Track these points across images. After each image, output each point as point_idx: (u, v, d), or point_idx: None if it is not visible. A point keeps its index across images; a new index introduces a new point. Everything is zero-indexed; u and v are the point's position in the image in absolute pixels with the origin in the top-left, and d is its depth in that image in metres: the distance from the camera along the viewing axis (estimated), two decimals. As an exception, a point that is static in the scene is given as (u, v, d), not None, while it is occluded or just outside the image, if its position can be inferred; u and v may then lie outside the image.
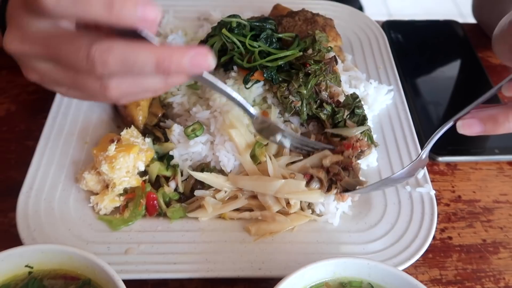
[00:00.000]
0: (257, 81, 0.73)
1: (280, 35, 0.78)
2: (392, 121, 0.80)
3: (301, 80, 0.72)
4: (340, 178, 0.64)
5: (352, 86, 0.82)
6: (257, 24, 0.78)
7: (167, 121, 0.78)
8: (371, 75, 0.88)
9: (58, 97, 0.81)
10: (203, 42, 0.81)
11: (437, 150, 0.80)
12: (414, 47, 1.00)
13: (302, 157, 0.69)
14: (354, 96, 0.72)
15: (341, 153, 0.67)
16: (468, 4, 1.11)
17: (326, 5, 1.02)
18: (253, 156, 0.69)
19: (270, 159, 0.68)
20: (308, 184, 0.66)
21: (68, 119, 0.78)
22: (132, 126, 0.74)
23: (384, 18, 1.16)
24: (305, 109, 0.73)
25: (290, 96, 0.72)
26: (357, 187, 0.66)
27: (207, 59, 0.46)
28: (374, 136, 0.78)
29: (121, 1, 0.42)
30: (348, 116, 0.70)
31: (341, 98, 0.74)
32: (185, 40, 0.91)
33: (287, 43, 0.80)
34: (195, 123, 0.72)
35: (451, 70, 0.97)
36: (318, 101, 0.74)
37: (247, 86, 0.73)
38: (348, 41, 0.96)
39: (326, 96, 0.73)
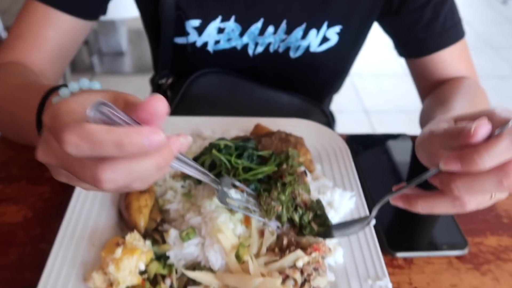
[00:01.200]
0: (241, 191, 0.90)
1: (259, 153, 0.97)
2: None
3: (279, 189, 0.89)
4: (313, 278, 0.77)
5: (321, 193, 0.99)
6: (241, 144, 0.97)
7: (164, 225, 0.92)
8: (337, 182, 1.05)
9: (71, 205, 0.95)
10: (196, 158, 0.98)
11: (395, 247, 0.94)
12: (373, 156, 1.20)
13: (277, 257, 0.82)
14: (318, 201, 0.88)
15: (310, 253, 0.80)
16: None
17: (298, 122, 1.23)
18: (237, 256, 0.82)
19: (251, 259, 0.81)
20: (283, 282, 0.78)
21: (79, 224, 0.91)
22: (135, 230, 0.87)
23: (361, 114, 1.38)
24: (285, 212, 0.88)
25: (273, 202, 0.88)
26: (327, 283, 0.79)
27: (183, 141, 0.57)
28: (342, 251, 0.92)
29: (129, 140, 0.46)
30: (312, 217, 0.85)
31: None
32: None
33: (265, 159, 0.98)
34: (189, 228, 0.86)
35: (405, 177, 1.15)
36: (294, 205, 0.89)
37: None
38: (317, 153, 1.15)
39: (299, 201, 0.89)
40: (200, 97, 1.40)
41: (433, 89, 1.32)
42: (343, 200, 0.98)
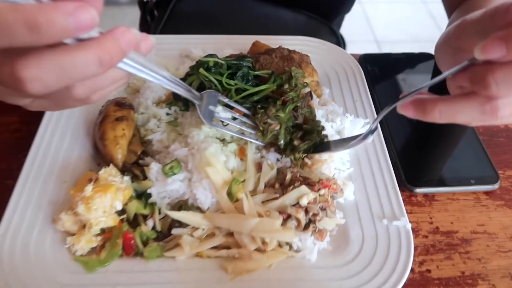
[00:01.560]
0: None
1: (256, 72, 0.81)
2: (368, 153, 0.82)
3: (278, 106, 0.74)
4: (319, 219, 0.65)
5: (329, 120, 0.84)
6: (234, 62, 0.80)
7: (146, 159, 0.79)
8: (348, 108, 0.90)
9: (39, 136, 0.82)
10: (183, 80, 0.82)
11: (414, 181, 0.81)
12: (390, 79, 1.03)
13: (278, 195, 0.69)
14: (317, 122, 0.75)
15: (317, 190, 0.67)
16: None
17: (304, 40, 1.05)
18: (230, 194, 0.69)
19: (246, 196, 0.68)
20: (284, 222, 0.66)
21: (48, 158, 0.79)
22: (111, 164, 0.74)
23: (372, 44, 1.20)
24: (283, 131, 0.74)
25: (269, 120, 0.74)
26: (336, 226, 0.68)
27: (131, 34, 0.42)
28: (351, 170, 0.79)
29: (46, 19, 0.36)
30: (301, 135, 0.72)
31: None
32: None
33: (264, 80, 0.82)
34: (173, 161, 0.73)
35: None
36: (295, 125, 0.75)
37: (225, 123, 0.74)
38: (325, 75, 0.98)
39: (301, 121, 0.75)
40: (191, 16, 1.20)
41: (461, 3, 1.11)
42: (354, 128, 0.83)
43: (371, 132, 0.66)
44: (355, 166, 0.80)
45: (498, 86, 0.43)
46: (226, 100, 0.73)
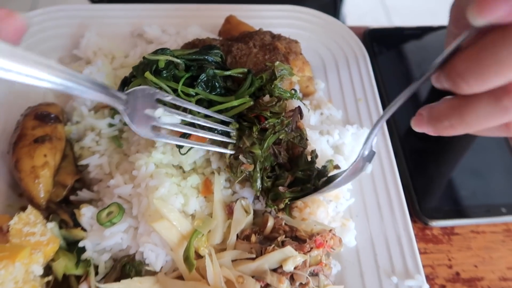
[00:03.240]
0: (195, 144, 0.54)
1: (228, 73, 0.59)
2: (374, 178, 0.63)
3: (255, 137, 0.54)
4: (308, 291, 0.48)
5: (324, 133, 0.64)
6: (195, 58, 0.58)
7: (81, 192, 0.59)
8: (349, 111, 0.70)
9: None
10: (126, 81, 0.60)
11: (429, 212, 0.63)
12: (403, 63, 0.81)
13: (254, 254, 0.51)
14: (309, 161, 0.54)
15: (307, 251, 0.49)
16: None
17: (292, 12, 0.81)
18: (188, 257, 0.51)
19: (211, 257, 0.50)
20: (261, 294, 0.49)
21: (-51, 192, 0.59)
22: (29, 207, 0.55)
23: (379, 12, 0.96)
24: (258, 175, 0.54)
25: (241, 157, 0.54)
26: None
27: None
28: (352, 201, 0.61)
29: None
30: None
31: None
32: (112, 67, 0.71)
33: (238, 81, 0.61)
34: (112, 205, 0.53)
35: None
36: (275, 166, 0.56)
37: (182, 151, 0.54)
38: (321, 62, 0.76)
39: (283, 158, 0.55)
40: None
41: None
42: (357, 143, 0.64)
43: (367, 159, 0.47)
44: (357, 196, 0.62)
45: None
46: (168, 98, 0.51)
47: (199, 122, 0.52)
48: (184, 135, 0.53)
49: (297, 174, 0.54)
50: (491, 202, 0.65)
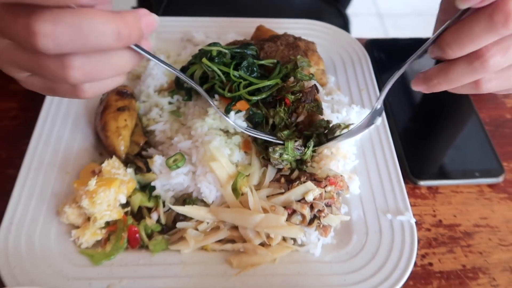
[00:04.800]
0: (239, 111, 0.73)
1: (261, 62, 0.78)
2: (374, 145, 0.81)
3: (279, 149, 0.70)
4: (324, 215, 0.65)
5: (335, 111, 0.83)
6: (238, 51, 0.78)
7: (149, 150, 0.78)
8: (354, 97, 0.89)
9: (39, 124, 0.80)
10: (184, 69, 0.80)
11: (418, 174, 0.80)
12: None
13: (283, 190, 0.69)
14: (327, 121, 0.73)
15: (324, 187, 0.67)
16: None
17: (309, 24, 1.02)
18: (235, 189, 0.69)
19: (251, 191, 0.68)
20: (289, 218, 0.66)
21: (49, 148, 0.77)
22: (114, 156, 0.73)
23: (374, 17, 1.17)
24: (292, 164, 0.72)
25: (276, 165, 0.71)
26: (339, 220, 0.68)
27: (153, 17, 0.45)
28: (356, 162, 0.79)
29: (128, 26, 0.41)
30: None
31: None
32: (169, 62, 0.91)
33: (269, 69, 0.80)
34: (177, 154, 0.72)
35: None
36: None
37: (230, 117, 0.73)
38: (331, 62, 0.96)
39: (301, 124, 0.74)
40: None
41: None
42: (360, 119, 0.82)
43: (377, 113, 0.65)
44: (360, 159, 0.79)
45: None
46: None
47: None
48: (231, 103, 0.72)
49: (306, 134, 0.72)
50: (467, 168, 0.82)
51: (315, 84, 0.75)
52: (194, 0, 1.13)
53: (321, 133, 0.72)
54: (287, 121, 0.73)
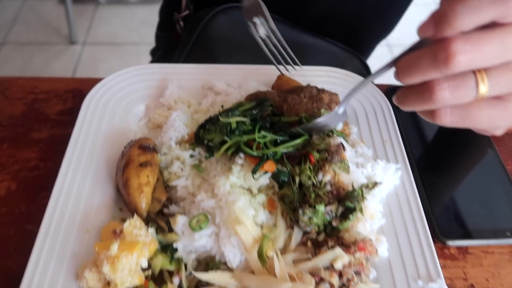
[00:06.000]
0: (266, 172, 0.72)
1: (285, 119, 0.77)
2: (400, 203, 0.79)
3: (308, 213, 0.68)
4: (353, 284, 0.62)
5: (359, 165, 0.81)
6: (256, 112, 0.76)
7: (171, 207, 0.76)
8: (377, 150, 0.87)
9: (60, 179, 0.79)
10: (202, 127, 0.79)
11: (447, 234, 0.78)
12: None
13: (309, 254, 0.67)
14: (356, 193, 0.70)
15: (353, 253, 0.64)
16: None
17: (330, 72, 1.01)
18: (260, 254, 0.67)
19: (278, 256, 0.66)
20: (317, 286, 0.64)
21: (70, 204, 0.76)
22: (135, 215, 0.72)
23: (383, 48, 1.17)
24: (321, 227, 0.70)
25: (305, 228, 0.69)
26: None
27: None
28: (383, 221, 0.76)
29: None
30: (339, 215, 0.68)
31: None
32: (189, 113, 0.90)
33: (292, 123, 0.79)
34: (200, 215, 0.70)
35: (459, 138, 0.95)
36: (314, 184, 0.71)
37: (256, 177, 0.71)
38: (353, 112, 0.95)
39: (329, 184, 0.71)
40: (219, 39, 1.13)
41: None
42: (386, 176, 0.80)
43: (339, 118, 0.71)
44: (387, 217, 0.77)
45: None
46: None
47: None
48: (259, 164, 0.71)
49: (349, 205, 0.69)
50: (497, 226, 0.79)
51: (341, 142, 0.74)
52: (220, 42, 1.12)
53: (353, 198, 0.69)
54: (314, 180, 0.71)
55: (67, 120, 0.96)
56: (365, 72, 1.19)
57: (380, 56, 1.37)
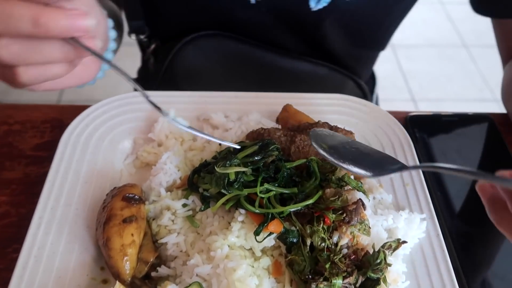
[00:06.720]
0: (271, 233, 0.61)
1: (294, 164, 0.66)
2: (427, 261, 0.68)
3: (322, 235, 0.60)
4: None
5: (378, 214, 0.70)
6: (258, 158, 0.65)
7: (160, 269, 0.65)
8: (398, 196, 0.76)
9: (30, 233, 0.68)
10: (197, 172, 0.69)
11: (481, 296, 0.67)
12: (443, 148, 0.88)
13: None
14: (376, 258, 0.59)
15: None
16: (470, 33, 1.00)
17: (340, 100, 0.90)
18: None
19: None
20: None
21: (41, 265, 0.65)
22: (117, 283, 0.61)
23: (386, 49, 1.07)
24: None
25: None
26: None
27: (85, 20, 0.49)
28: (407, 284, 0.66)
29: (47, 17, 0.47)
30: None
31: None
32: (182, 153, 0.79)
33: (300, 168, 0.68)
34: (193, 284, 0.59)
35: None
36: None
37: (259, 239, 0.60)
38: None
39: (346, 247, 0.61)
40: (192, 71, 1.03)
41: None
42: (410, 229, 0.69)
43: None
44: (411, 279, 0.66)
45: None
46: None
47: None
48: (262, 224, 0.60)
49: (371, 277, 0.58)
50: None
51: (360, 199, 0.63)
52: (193, 75, 1.01)
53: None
54: (328, 242, 0.60)
55: (44, 156, 0.84)
56: (361, 95, 1.08)
57: (383, 57, 1.25)
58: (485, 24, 1.03)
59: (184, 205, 0.70)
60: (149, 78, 1.07)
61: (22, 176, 0.82)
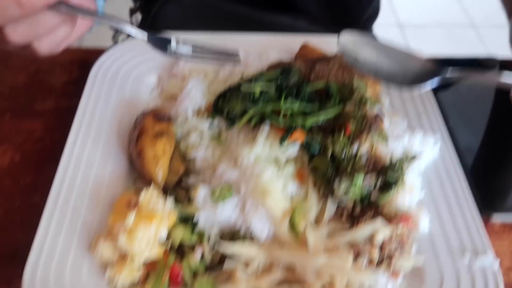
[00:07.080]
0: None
1: (315, 86, 0.71)
2: (440, 173, 0.72)
3: (345, 184, 0.63)
4: (395, 260, 0.56)
5: (395, 136, 0.74)
6: (281, 81, 0.70)
7: (190, 178, 0.70)
8: (412, 121, 0.80)
9: (67, 149, 0.73)
10: (219, 99, 0.73)
11: (491, 207, 0.71)
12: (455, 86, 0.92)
13: (345, 229, 0.60)
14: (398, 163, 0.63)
15: (395, 226, 0.58)
16: (479, 13, 1.01)
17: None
18: (292, 225, 0.60)
19: (312, 229, 0.59)
20: (354, 260, 0.57)
21: (79, 175, 0.70)
22: (151, 185, 0.65)
23: (394, 28, 1.09)
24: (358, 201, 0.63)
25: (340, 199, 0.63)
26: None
27: None
28: (423, 194, 0.70)
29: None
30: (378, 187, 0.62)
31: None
32: (207, 84, 0.83)
33: (320, 92, 0.73)
34: (223, 187, 0.63)
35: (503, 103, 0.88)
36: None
37: (284, 146, 0.64)
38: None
39: (365, 156, 0.65)
40: (175, 28, 1.00)
41: None
42: (425, 148, 0.73)
43: None
44: (426, 190, 0.70)
45: None
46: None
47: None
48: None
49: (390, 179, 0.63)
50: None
51: (378, 114, 0.67)
52: (190, 28, 1.02)
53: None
54: (349, 151, 0.64)
55: (73, 91, 0.89)
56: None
57: (391, 37, 1.26)
58: (494, 4, 1.05)
59: (211, 126, 0.74)
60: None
61: (54, 108, 0.87)
